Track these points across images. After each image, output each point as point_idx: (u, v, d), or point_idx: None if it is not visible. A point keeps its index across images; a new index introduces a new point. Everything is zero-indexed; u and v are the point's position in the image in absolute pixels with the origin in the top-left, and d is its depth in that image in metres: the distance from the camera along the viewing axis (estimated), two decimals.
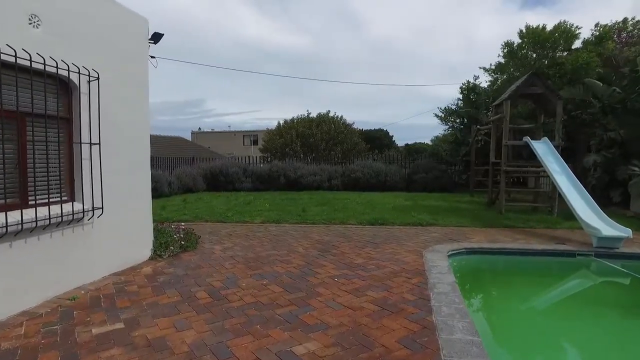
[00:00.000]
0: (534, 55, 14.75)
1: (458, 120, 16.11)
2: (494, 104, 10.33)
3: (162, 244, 6.02)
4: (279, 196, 13.65)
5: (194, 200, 12.70)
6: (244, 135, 49.08)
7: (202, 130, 56.30)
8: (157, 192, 13.91)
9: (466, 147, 14.11)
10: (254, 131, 47.24)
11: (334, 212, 9.80)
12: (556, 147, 8.40)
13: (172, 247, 6.02)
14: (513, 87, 9.25)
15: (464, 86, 15.39)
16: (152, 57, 6.36)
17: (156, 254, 5.86)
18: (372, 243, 6.65)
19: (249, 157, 18.79)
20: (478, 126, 12.08)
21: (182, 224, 7.76)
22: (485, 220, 8.47)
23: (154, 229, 6.56)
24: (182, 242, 6.30)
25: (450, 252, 5.98)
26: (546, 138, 8.63)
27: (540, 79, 8.81)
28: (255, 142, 43.01)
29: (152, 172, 14.41)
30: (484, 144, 13.99)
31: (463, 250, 6.15)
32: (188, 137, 52.31)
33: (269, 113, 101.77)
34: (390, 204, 11.24)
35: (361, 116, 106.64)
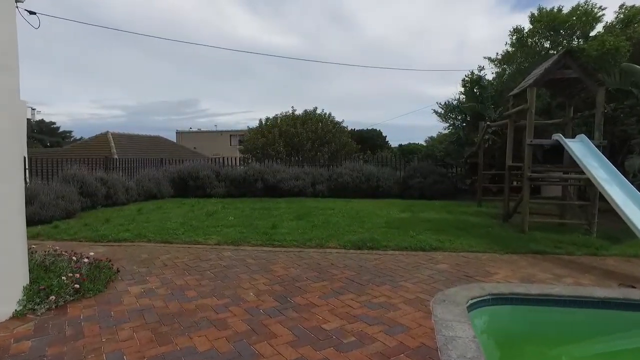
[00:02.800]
0: (547, 44, 12.89)
1: (460, 118, 14.19)
2: (511, 93, 8.39)
3: (40, 291, 4.00)
4: (252, 205, 11.64)
5: (150, 211, 10.66)
6: (230, 135, 46.93)
7: (189, 129, 54.04)
8: (111, 200, 11.89)
9: (471, 148, 12.19)
10: (241, 131, 45.05)
11: (312, 229, 7.81)
12: (597, 146, 6.51)
13: (53, 297, 3.99)
14: (539, 70, 7.33)
15: (466, 78, 13.48)
16: (32, 12, 4.34)
17: (27, 309, 3.84)
18: (356, 283, 4.67)
19: (223, 158, 16.77)
20: (488, 122, 10.17)
21: (92, 252, 5.73)
22: (505, 242, 6.53)
23: (39, 264, 4.56)
24: (77, 285, 4.27)
25: (471, 301, 4.04)
26: (583, 136, 6.74)
27: (576, 60, 6.89)
28: (242, 142, 40.81)
29: (107, 176, 12.33)
30: (491, 143, 12.11)
31: (488, 297, 4.19)
32: (173, 137, 50.15)
33: (261, 114, 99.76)
34: (383, 216, 9.27)
35: (354, 117, 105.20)
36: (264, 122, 20.05)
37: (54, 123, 56.47)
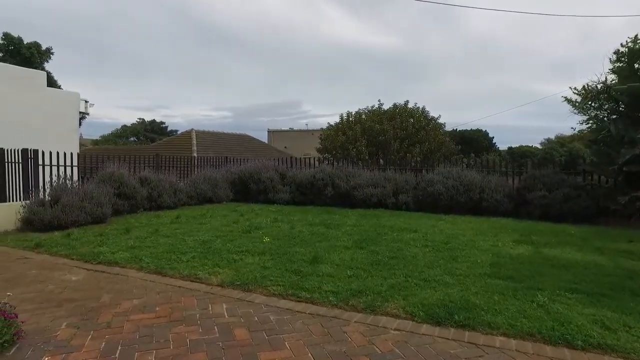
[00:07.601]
0: None
1: (607, 107, 10.06)
2: None
3: None
4: (313, 217, 9.19)
5: (188, 219, 8.84)
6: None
7: (281, 129, 54.24)
8: (155, 204, 10.43)
9: (632, 150, 8.17)
10: None
11: (370, 268, 5.05)
12: None
13: None
14: None
15: (622, 49, 9.37)
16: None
17: None
18: None
19: (291, 158, 14.65)
20: None
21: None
22: None
23: None
24: None
25: None
26: None
27: None
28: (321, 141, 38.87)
29: (152, 176, 10.80)
30: None
31: None
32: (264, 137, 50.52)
33: None
34: (486, 250, 6.11)
35: (456, 119, 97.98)
36: (344, 117, 17.54)
37: (164, 123, 61.85)
